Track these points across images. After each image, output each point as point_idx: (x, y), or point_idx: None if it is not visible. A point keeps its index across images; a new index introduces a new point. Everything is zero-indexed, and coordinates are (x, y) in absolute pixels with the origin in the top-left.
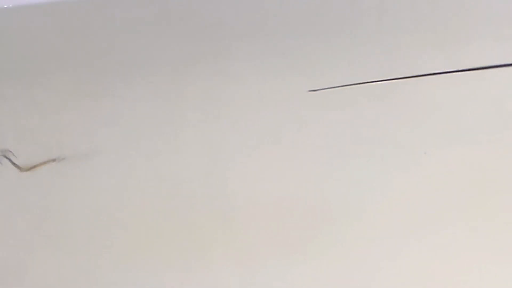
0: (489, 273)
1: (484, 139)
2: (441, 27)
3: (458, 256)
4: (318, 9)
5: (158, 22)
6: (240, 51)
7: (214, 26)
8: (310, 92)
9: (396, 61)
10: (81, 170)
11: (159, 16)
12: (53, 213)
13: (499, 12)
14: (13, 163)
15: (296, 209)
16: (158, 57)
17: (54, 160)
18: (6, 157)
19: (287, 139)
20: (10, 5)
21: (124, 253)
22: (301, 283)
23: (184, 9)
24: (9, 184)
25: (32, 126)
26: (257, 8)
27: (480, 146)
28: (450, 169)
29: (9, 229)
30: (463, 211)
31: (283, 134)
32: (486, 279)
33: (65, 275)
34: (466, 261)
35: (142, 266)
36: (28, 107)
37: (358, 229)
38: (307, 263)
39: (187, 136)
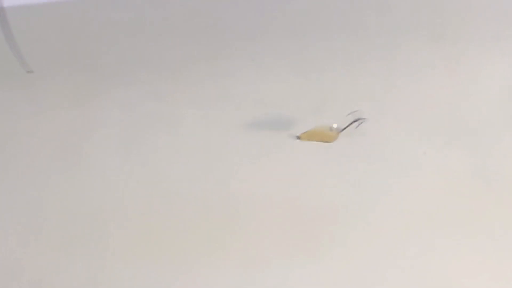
0: (489, 272)
1: (484, 139)
2: (441, 27)
3: (458, 256)
4: (318, 10)
5: (158, 23)
6: (240, 51)
7: (215, 27)
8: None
9: (395, 61)
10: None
11: (159, 17)
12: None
13: (499, 12)
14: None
15: (299, 210)
16: (159, 58)
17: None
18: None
19: (288, 140)
20: (11, 5)
21: (125, 253)
22: (304, 284)
23: (185, 10)
24: None
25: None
26: (257, 9)
27: (480, 146)
28: (450, 169)
29: None
30: (463, 211)
31: (284, 134)
32: (486, 278)
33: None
34: (466, 261)
35: (143, 266)
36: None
37: (360, 229)
38: (310, 264)
39: (188, 136)
